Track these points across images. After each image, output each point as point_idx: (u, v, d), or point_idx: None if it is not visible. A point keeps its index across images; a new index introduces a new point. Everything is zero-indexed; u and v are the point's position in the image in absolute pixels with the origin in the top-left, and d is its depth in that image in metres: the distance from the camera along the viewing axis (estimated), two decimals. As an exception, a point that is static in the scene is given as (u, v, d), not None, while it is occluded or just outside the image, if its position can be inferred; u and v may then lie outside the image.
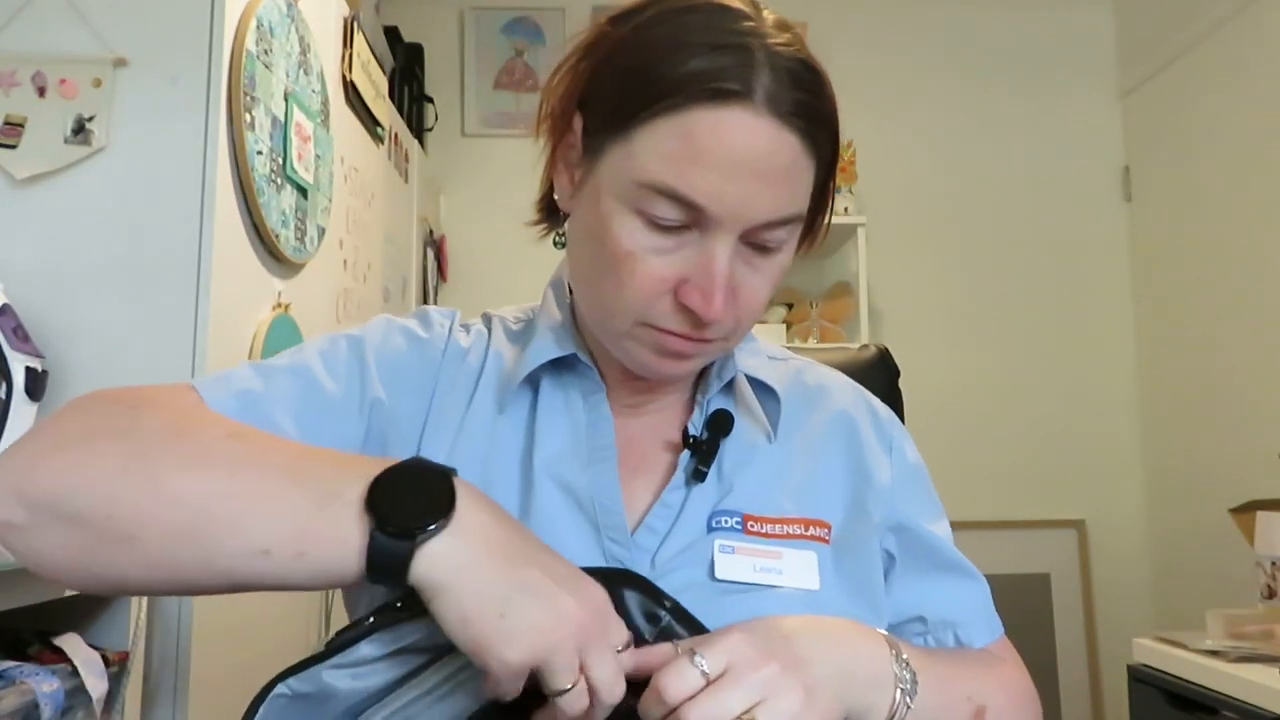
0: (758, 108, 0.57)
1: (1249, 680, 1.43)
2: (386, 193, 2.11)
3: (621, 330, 0.64)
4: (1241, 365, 2.31)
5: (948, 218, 2.82)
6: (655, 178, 0.58)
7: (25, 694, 0.89)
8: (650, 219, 0.60)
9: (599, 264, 0.63)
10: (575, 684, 0.50)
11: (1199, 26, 2.46)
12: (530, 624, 0.50)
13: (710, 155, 0.57)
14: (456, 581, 0.50)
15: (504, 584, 0.50)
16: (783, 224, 0.61)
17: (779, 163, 0.59)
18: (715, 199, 0.58)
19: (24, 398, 1.06)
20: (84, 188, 1.21)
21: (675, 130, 0.58)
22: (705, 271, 0.60)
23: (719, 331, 0.63)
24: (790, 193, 0.60)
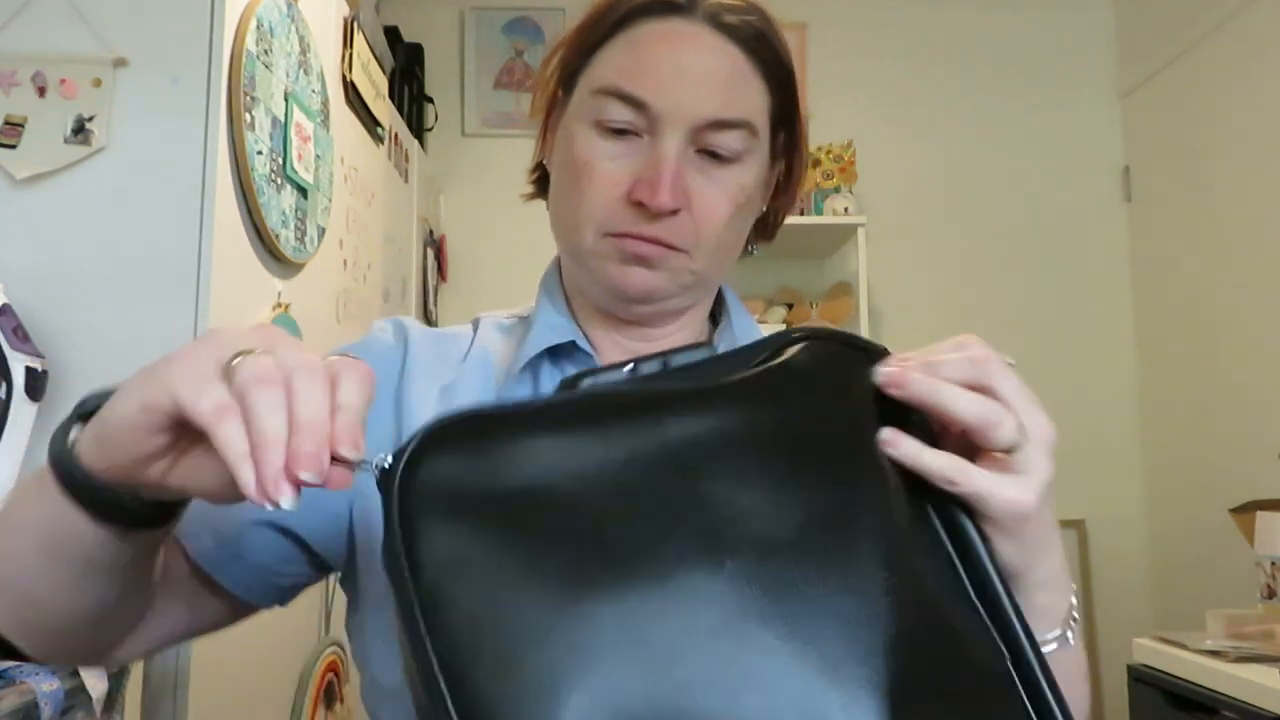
0: (700, 20, 0.64)
1: (1249, 680, 1.44)
2: (386, 193, 2.11)
3: (588, 247, 0.67)
4: (1241, 365, 2.31)
5: (948, 218, 2.82)
6: (606, 82, 0.64)
7: (25, 694, 0.89)
8: (603, 125, 0.64)
9: (564, 187, 0.68)
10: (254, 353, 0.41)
11: (1199, 26, 2.46)
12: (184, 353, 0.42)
13: (654, 57, 0.64)
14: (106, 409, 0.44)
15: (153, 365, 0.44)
16: (730, 127, 0.64)
17: (720, 67, 0.64)
18: (657, 94, 0.63)
19: (24, 398, 1.06)
20: (84, 188, 1.21)
21: (625, 44, 0.65)
22: (653, 165, 0.63)
23: (676, 234, 0.65)
24: (734, 97, 0.64)
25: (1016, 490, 0.46)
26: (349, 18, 1.80)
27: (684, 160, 0.64)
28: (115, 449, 0.43)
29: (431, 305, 2.55)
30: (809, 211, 2.63)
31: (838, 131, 2.73)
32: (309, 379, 0.40)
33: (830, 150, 2.63)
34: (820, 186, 2.62)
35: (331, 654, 1.65)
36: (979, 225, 2.82)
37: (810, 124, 2.68)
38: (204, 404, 0.39)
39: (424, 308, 2.47)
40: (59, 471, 0.46)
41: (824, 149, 2.65)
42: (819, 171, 2.62)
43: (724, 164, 0.65)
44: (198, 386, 0.40)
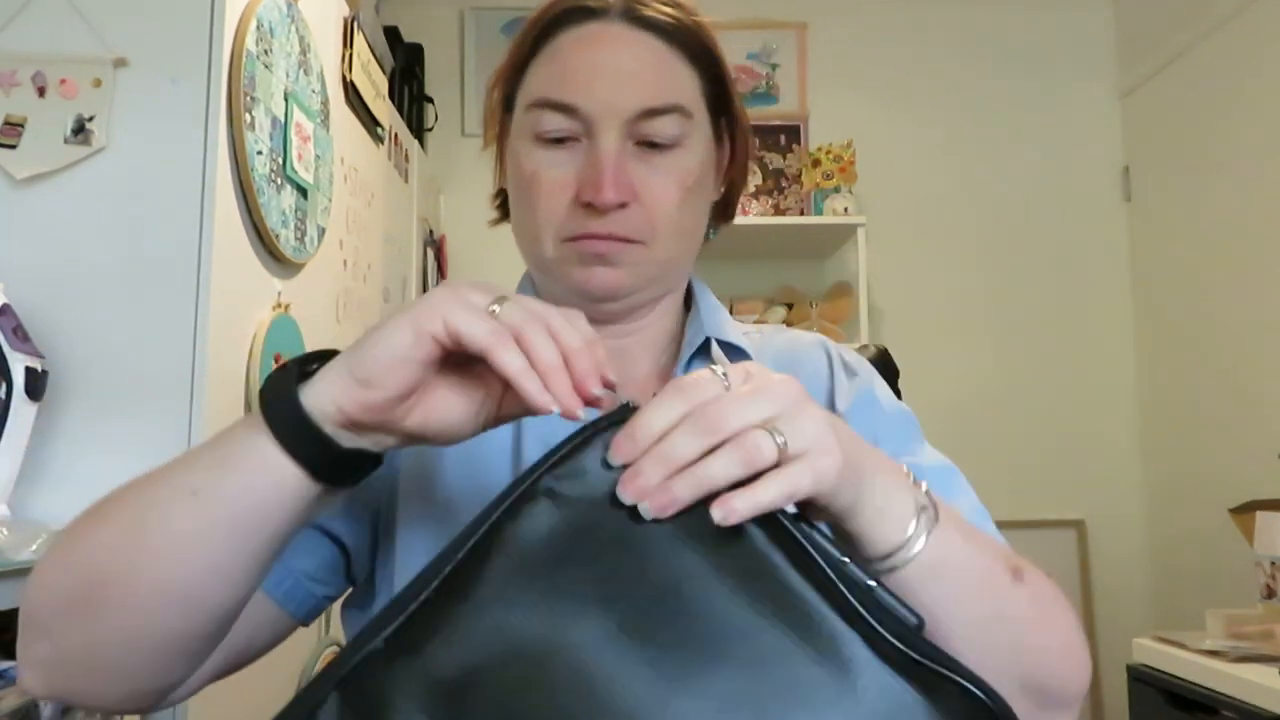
0: (612, 19, 0.67)
1: (1249, 680, 1.44)
2: (386, 193, 2.11)
3: (550, 256, 0.68)
4: (1241, 366, 2.31)
5: (948, 218, 2.82)
6: (536, 96, 0.67)
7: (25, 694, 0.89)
8: (541, 136, 0.67)
9: (519, 203, 0.70)
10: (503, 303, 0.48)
11: (1199, 26, 2.46)
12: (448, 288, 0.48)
13: (575, 63, 0.66)
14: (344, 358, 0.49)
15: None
16: (661, 113, 0.66)
17: (641, 59, 0.66)
18: (584, 96, 0.65)
19: (24, 398, 1.06)
20: (84, 188, 1.21)
21: (549, 56, 0.68)
22: (593, 164, 0.65)
23: (629, 227, 0.66)
24: (660, 84, 0.66)
25: (825, 461, 0.45)
26: (349, 18, 1.80)
27: (624, 154, 0.66)
28: (378, 387, 0.47)
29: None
30: (809, 211, 2.63)
31: (838, 131, 2.72)
32: (562, 321, 0.48)
33: (830, 150, 2.63)
34: (820, 186, 2.62)
35: (331, 653, 1.65)
36: (979, 225, 2.82)
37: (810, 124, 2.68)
38: (481, 330, 0.46)
39: (424, 308, 2.47)
40: (285, 428, 0.48)
41: (824, 149, 2.65)
42: (819, 171, 2.62)
43: (664, 151, 0.67)
44: (472, 317, 0.46)
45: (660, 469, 0.43)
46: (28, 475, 1.11)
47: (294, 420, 0.48)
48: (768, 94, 2.84)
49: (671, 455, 0.44)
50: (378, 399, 0.47)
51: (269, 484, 0.49)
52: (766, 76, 2.85)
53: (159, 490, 0.51)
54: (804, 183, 2.69)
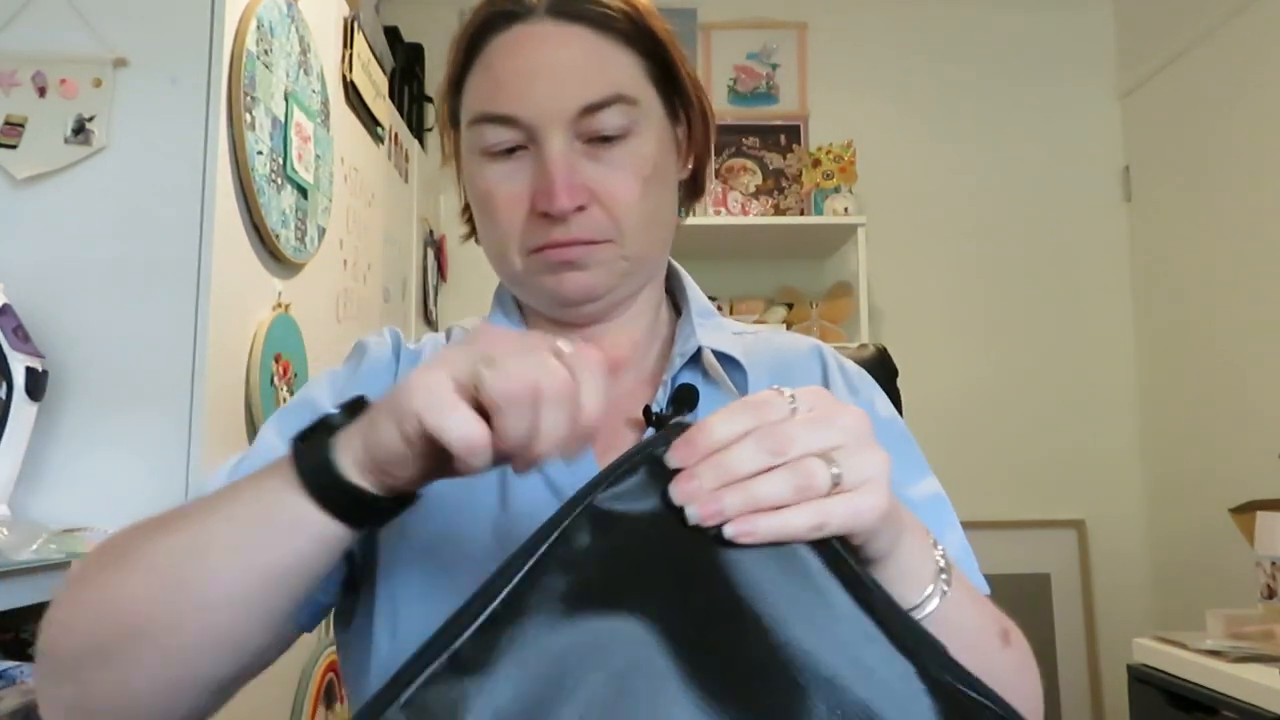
0: (539, 19, 0.65)
1: (1249, 680, 1.43)
2: (386, 193, 2.11)
3: (520, 269, 0.68)
4: (1241, 365, 2.31)
5: (947, 218, 2.82)
6: (475, 112, 0.66)
7: (25, 694, 0.89)
8: (488, 151, 0.65)
9: (481, 221, 0.70)
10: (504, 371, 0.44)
11: (1199, 26, 2.46)
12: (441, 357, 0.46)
13: (507, 72, 0.64)
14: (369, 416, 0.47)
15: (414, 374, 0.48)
16: (602, 106, 0.64)
17: (573, 54, 0.64)
18: (520, 104, 0.63)
19: (24, 398, 1.06)
20: (84, 188, 1.21)
21: (481, 68, 0.66)
22: (542, 173, 0.64)
23: (592, 229, 0.65)
24: (595, 76, 0.64)
25: (869, 500, 0.45)
26: (349, 18, 1.80)
27: (572, 155, 0.64)
28: (390, 474, 0.47)
29: (431, 305, 2.55)
30: (809, 211, 2.63)
31: (838, 131, 2.73)
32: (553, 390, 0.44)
33: (830, 150, 2.64)
34: (820, 186, 2.62)
35: (331, 654, 1.66)
36: (979, 225, 2.82)
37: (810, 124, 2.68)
38: (457, 432, 0.43)
39: (424, 308, 2.47)
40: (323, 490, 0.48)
41: (824, 149, 2.65)
42: (819, 171, 2.62)
43: (615, 143, 0.65)
44: (447, 416, 0.43)
45: (716, 477, 0.43)
46: (28, 475, 1.11)
47: (330, 483, 0.48)
48: (768, 94, 2.84)
49: (729, 466, 0.43)
50: (397, 480, 0.48)
51: (310, 536, 0.49)
52: (766, 76, 2.85)
53: (192, 543, 0.50)
54: (804, 183, 2.69)
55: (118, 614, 0.50)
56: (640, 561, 0.43)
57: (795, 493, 0.43)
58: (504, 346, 0.45)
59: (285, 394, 1.42)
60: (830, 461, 0.44)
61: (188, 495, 1.17)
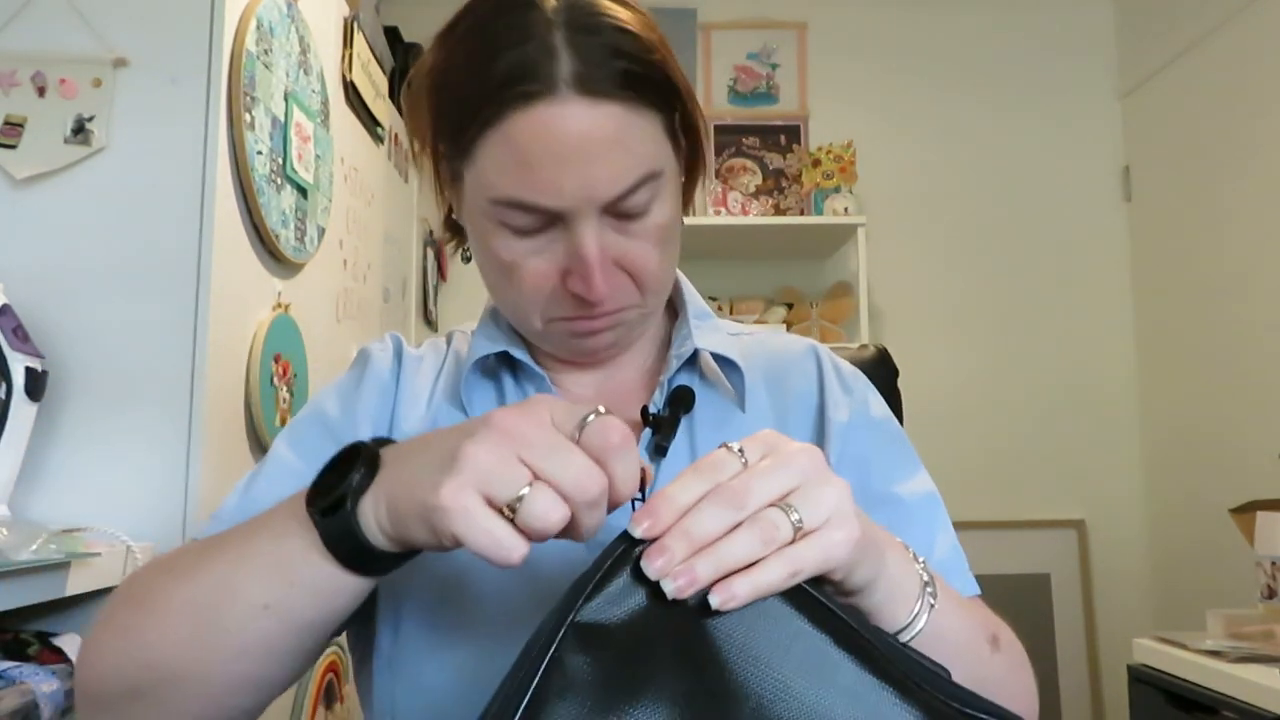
0: (565, 97, 0.58)
1: (1249, 680, 1.43)
2: (386, 193, 2.11)
3: (537, 329, 0.68)
4: (1241, 365, 2.31)
5: (948, 218, 2.82)
6: (498, 193, 0.61)
7: (25, 694, 0.89)
8: (514, 229, 0.63)
9: (494, 276, 0.68)
10: (531, 485, 0.44)
11: (1199, 26, 2.46)
12: (450, 457, 0.45)
13: (534, 156, 0.59)
14: (393, 493, 0.48)
15: (437, 452, 0.48)
16: (635, 189, 0.61)
17: (604, 136, 0.59)
18: (555, 195, 0.60)
19: (24, 398, 1.06)
20: (84, 188, 1.21)
21: (500, 142, 0.60)
22: (578, 259, 0.62)
23: (621, 300, 0.65)
24: (628, 158, 0.61)
25: (839, 535, 0.45)
26: (349, 18, 1.80)
27: (603, 235, 0.62)
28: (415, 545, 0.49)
29: (431, 305, 2.55)
30: (809, 211, 2.63)
31: (838, 131, 2.73)
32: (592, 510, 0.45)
33: (830, 150, 2.63)
34: (820, 186, 2.62)
35: (332, 654, 1.66)
36: (979, 225, 2.82)
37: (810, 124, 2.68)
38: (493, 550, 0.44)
39: (424, 308, 2.47)
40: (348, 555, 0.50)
41: (824, 149, 2.65)
42: (819, 171, 2.62)
43: (639, 217, 0.63)
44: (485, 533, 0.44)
45: (685, 545, 0.43)
46: (28, 475, 1.11)
47: (358, 551, 0.50)
48: (768, 94, 2.84)
49: (694, 532, 0.43)
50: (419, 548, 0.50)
51: (340, 593, 0.51)
52: (766, 76, 2.85)
53: (221, 596, 0.52)
54: (804, 183, 2.69)
55: (148, 660, 0.53)
56: (638, 665, 0.43)
57: (763, 546, 0.44)
58: (532, 442, 0.45)
59: (285, 394, 1.42)
60: (789, 508, 0.45)
61: (188, 495, 1.17)
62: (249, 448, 1.33)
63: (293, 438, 0.71)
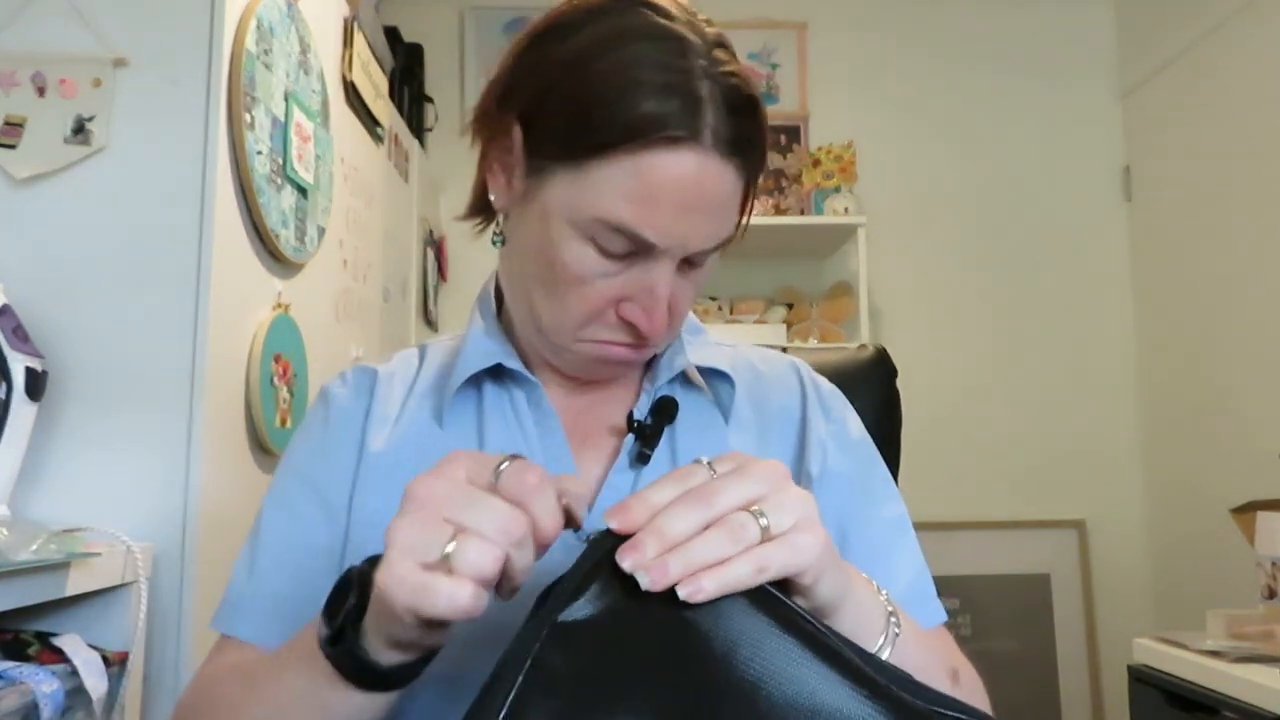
0: (705, 148, 0.60)
1: (1249, 680, 1.43)
2: (386, 193, 2.11)
3: (564, 343, 0.68)
4: (1241, 365, 2.31)
5: (948, 218, 2.82)
6: (613, 216, 0.61)
7: (25, 694, 0.89)
8: (602, 249, 0.63)
9: (545, 281, 0.66)
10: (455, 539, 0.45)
11: (1199, 26, 2.46)
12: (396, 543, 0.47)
13: (664, 197, 0.60)
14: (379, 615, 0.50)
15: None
16: (719, 247, 0.66)
17: (720, 195, 0.62)
18: (665, 235, 0.61)
19: (24, 398, 1.06)
20: (84, 188, 1.21)
21: (631, 172, 0.60)
22: (649, 293, 0.64)
23: (655, 336, 0.66)
24: (727, 218, 0.65)
25: (805, 538, 0.47)
26: (349, 18, 1.80)
27: (673, 280, 0.65)
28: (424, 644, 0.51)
29: (431, 305, 2.55)
30: (809, 211, 2.63)
31: (838, 131, 2.72)
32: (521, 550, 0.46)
33: (830, 150, 2.63)
34: (820, 186, 2.62)
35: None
36: (979, 225, 2.82)
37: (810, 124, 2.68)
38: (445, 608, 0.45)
39: (424, 308, 2.47)
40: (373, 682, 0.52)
41: (824, 149, 2.65)
42: (819, 171, 2.62)
43: (698, 268, 0.66)
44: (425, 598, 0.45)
45: (657, 543, 0.45)
46: (28, 475, 1.11)
47: (377, 676, 0.52)
48: (768, 94, 2.84)
49: (666, 531, 0.45)
50: (436, 640, 0.51)
51: (375, 706, 0.54)
52: (766, 76, 2.85)
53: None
54: (804, 183, 2.69)
55: None
56: (619, 662, 0.44)
57: (732, 545, 0.45)
58: (450, 501, 0.46)
59: (285, 394, 1.42)
60: (757, 513, 0.47)
61: (188, 495, 1.17)
62: (249, 448, 1.33)
63: (279, 502, 0.72)
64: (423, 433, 0.71)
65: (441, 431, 0.71)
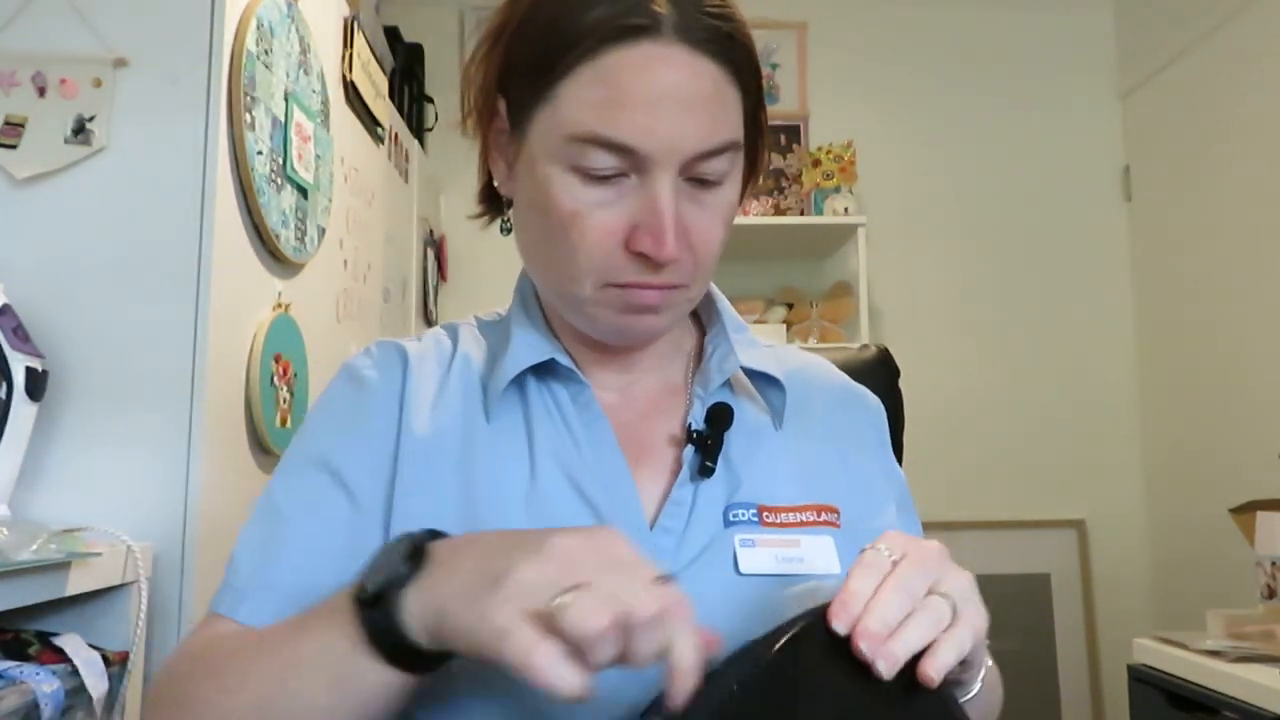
0: (668, 38, 0.58)
1: (1249, 680, 1.43)
2: (386, 193, 2.11)
3: (586, 297, 0.64)
4: (1241, 365, 2.31)
5: (948, 218, 2.82)
6: (583, 128, 0.58)
7: (25, 694, 0.89)
8: (587, 172, 0.60)
9: (548, 234, 0.63)
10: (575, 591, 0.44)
11: (1199, 26, 2.46)
12: (515, 577, 0.46)
13: (631, 94, 0.58)
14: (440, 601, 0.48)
15: (486, 567, 0.48)
16: (719, 152, 0.61)
17: (701, 90, 0.59)
18: (645, 137, 0.58)
19: (24, 398, 1.06)
20: (84, 188, 1.21)
21: (593, 77, 0.58)
22: (652, 212, 0.59)
23: (680, 274, 0.63)
24: (719, 119, 0.60)
25: (980, 621, 0.52)
26: (349, 18, 1.80)
27: (679, 198, 0.61)
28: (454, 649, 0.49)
29: (431, 305, 2.55)
30: (809, 211, 2.63)
31: (838, 131, 2.72)
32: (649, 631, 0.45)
33: (830, 150, 2.63)
34: (820, 186, 2.62)
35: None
36: (979, 225, 2.82)
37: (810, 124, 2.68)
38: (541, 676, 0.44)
39: (424, 308, 2.47)
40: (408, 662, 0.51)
41: (824, 149, 2.65)
42: (819, 171, 2.62)
43: (713, 187, 0.62)
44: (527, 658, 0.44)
45: (882, 628, 0.48)
46: (28, 475, 1.11)
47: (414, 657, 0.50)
48: (768, 94, 2.83)
49: (886, 617, 0.48)
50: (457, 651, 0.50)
51: (390, 686, 0.52)
52: (767, 76, 2.85)
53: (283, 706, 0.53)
54: (804, 183, 2.69)
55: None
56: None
57: (936, 628, 0.49)
58: (592, 566, 0.46)
59: (285, 394, 1.42)
60: (945, 595, 0.51)
61: (188, 495, 1.17)
62: (249, 448, 1.33)
63: (303, 494, 0.67)
64: (469, 425, 0.67)
65: (488, 426, 0.67)
